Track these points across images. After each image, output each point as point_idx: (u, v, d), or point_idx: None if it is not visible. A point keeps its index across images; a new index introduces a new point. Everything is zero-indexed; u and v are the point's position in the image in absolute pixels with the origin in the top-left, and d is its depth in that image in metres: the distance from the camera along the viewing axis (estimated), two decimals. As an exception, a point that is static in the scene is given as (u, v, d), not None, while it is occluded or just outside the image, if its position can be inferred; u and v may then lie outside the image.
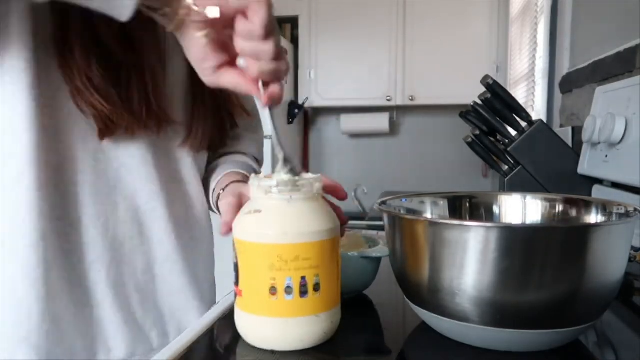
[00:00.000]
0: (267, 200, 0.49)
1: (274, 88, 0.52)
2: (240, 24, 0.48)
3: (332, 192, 0.60)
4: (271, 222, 0.48)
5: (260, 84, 0.52)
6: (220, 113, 0.75)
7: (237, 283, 0.50)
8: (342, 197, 0.61)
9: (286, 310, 0.48)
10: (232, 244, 0.51)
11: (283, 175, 0.51)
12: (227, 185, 0.69)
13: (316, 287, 0.48)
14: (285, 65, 0.52)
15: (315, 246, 0.48)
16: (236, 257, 0.50)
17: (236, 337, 0.52)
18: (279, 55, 0.50)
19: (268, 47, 0.49)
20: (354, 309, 0.61)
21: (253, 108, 0.84)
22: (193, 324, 0.58)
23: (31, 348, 0.58)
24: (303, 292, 0.48)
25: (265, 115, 0.54)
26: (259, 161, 0.86)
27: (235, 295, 0.51)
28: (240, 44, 0.50)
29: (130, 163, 0.64)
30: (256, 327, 0.49)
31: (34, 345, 0.58)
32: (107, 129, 0.61)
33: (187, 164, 0.72)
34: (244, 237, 0.49)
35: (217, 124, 0.74)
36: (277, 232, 0.47)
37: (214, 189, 0.74)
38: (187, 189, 0.72)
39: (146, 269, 0.67)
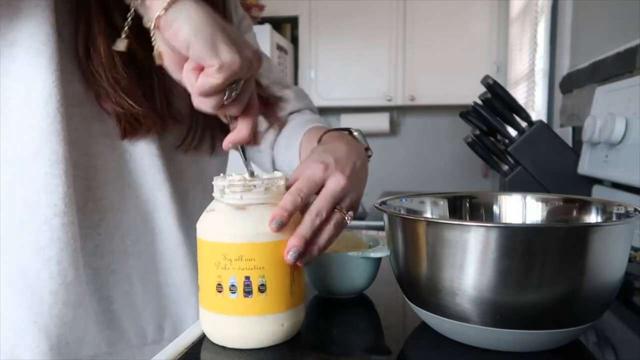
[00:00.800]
0: (220, 200, 0.50)
1: (239, 127, 0.51)
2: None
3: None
4: (220, 221, 0.49)
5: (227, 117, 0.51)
6: None
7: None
8: None
9: (231, 308, 0.49)
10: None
11: (235, 175, 0.51)
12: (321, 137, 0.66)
13: (261, 288, 0.48)
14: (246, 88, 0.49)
15: (260, 247, 0.48)
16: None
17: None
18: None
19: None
20: (354, 309, 0.61)
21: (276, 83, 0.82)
22: (192, 324, 0.58)
23: (40, 331, 0.57)
24: (247, 292, 0.48)
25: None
26: (312, 110, 0.85)
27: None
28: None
29: (135, 150, 0.64)
30: (207, 322, 0.51)
31: (43, 328, 0.57)
32: (132, 129, 0.61)
33: (185, 161, 0.72)
34: (199, 235, 0.50)
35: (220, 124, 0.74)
36: (223, 231, 0.48)
37: (299, 149, 0.73)
38: (187, 185, 0.72)
39: (149, 259, 0.67)
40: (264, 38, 2.79)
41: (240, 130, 0.52)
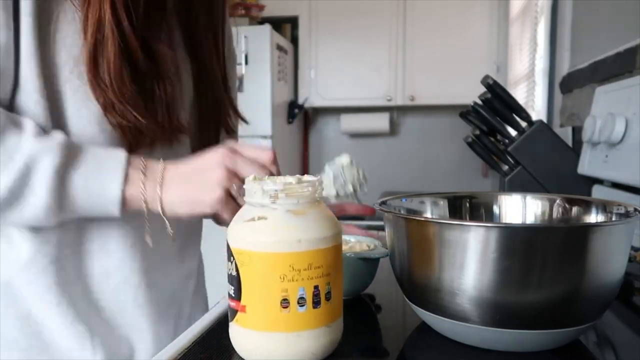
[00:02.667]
0: (270, 206, 0.45)
1: None
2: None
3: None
4: (280, 229, 0.44)
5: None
6: (223, 118, 0.75)
7: (237, 298, 0.45)
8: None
9: (299, 323, 0.44)
10: (229, 255, 0.46)
11: (289, 177, 0.47)
12: None
13: (328, 296, 0.45)
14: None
15: (325, 253, 0.45)
16: (236, 270, 0.45)
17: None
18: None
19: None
20: (354, 310, 0.61)
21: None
22: (192, 325, 0.58)
23: None
24: (316, 302, 0.44)
25: None
26: None
27: (234, 311, 0.46)
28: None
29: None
30: (264, 345, 0.45)
31: None
32: (136, 142, 0.60)
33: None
34: (248, 247, 0.44)
35: (218, 131, 0.74)
36: (289, 240, 0.44)
37: None
38: None
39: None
40: (264, 38, 2.79)
41: None
